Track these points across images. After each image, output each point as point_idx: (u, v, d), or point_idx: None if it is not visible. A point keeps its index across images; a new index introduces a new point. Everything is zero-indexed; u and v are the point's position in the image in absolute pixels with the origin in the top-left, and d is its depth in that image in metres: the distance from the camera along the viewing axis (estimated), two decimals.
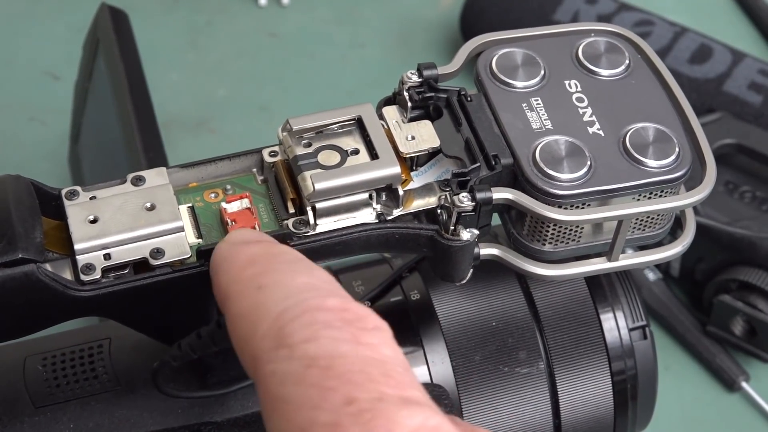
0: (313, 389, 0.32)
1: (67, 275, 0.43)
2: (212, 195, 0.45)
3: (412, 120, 0.46)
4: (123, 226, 0.43)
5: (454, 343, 0.49)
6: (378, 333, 0.35)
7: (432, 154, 0.46)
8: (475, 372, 0.49)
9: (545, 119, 0.45)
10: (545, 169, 0.43)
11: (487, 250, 0.45)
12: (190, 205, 0.45)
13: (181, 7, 0.83)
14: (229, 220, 0.44)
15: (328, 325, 0.34)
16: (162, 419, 0.47)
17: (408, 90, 0.46)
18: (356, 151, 0.45)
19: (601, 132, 0.45)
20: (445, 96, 0.46)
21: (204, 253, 0.43)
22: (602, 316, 0.51)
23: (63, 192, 0.44)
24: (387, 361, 0.34)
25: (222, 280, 0.38)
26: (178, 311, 0.43)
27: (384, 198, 0.45)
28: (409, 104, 0.46)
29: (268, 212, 0.45)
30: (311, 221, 0.44)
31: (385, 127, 0.46)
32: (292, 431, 0.32)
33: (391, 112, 0.46)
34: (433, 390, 0.48)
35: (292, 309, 0.34)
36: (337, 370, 0.33)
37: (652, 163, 0.44)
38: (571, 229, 0.44)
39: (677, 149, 0.44)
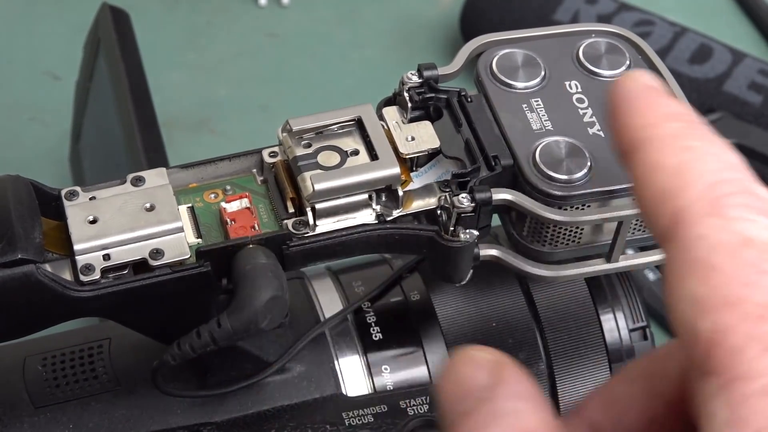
0: (750, 268, 0.32)
1: (67, 276, 0.43)
2: (212, 195, 0.45)
3: (412, 120, 0.46)
4: (122, 226, 0.43)
5: (454, 343, 0.49)
6: None
7: (432, 155, 0.46)
8: None
9: (545, 120, 0.45)
10: (545, 170, 0.43)
11: (487, 251, 0.45)
12: (189, 205, 0.45)
13: (181, 7, 0.83)
14: (228, 220, 0.44)
15: (761, 212, 0.33)
16: (162, 419, 0.47)
17: (408, 90, 0.46)
18: (356, 152, 0.45)
19: (601, 133, 0.45)
20: (445, 97, 0.46)
21: (203, 254, 0.43)
22: (602, 317, 0.50)
23: (62, 192, 0.44)
24: None
25: (635, 122, 0.36)
26: (178, 312, 0.43)
27: (384, 199, 0.45)
28: (409, 105, 0.46)
29: (268, 212, 0.45)
30: (311, 222, 0.44)
31: (385, 127, 0.46)
32: (714, 297, 0.32)
33: (391, 113, 0.46)
34: (433, 391, 0.48)
35: (731, 183, 0.34)
36: None
37: None
38: (571, 230, 0.44)
39: None
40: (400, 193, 0.44)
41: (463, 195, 0.43)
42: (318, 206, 0.44)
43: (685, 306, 0.32)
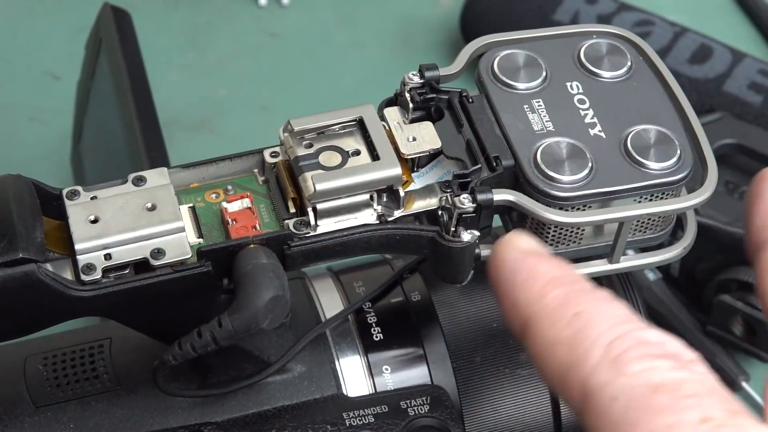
0: (667, 411, 0.34)
1: (68, 275, 0.43)
2: (213, 195, 0.45)
3: (413, 121, 0.46)
4: (124, 226, 0.43)
5: (454, 344, 0.49)
6: (700, 363, 0.36)
7: (433, 156, 0.46)
8: (476, 373, 0.49)
9: (546, 121, 0.45)
10: (546, 170, 0.43)
11: (488, 252, 0.45)
12: (191, 205, 0.45)
13: (182, 7, 0.83)
14: (229, 220, 0.44)
15: (658, 356, 0.35)
16: (162, 419, 0.47)
17: (409, 91, 0.46)
18: (357, 152, 0.45)
19: (602, 134, 0.45)
20: (446, 97, 0.46)
21: (205, 254, 0.43)
22: None
23: (64, 192, 0.44)
24: (720, 387, 0.35)
25: (521, 299, 0.38)
26: (179, 311, 0.43)
27: (385, 199, 0.45)
28: (411, 105, 0.46)
29: (269, 212, 0.45)
30: (312, 222, 0.44)
31: (387, 128, 0.46)
32: None
33: (392, 113, 0.46)
34: (434, 391, 0.48)
35: (623, 339, 0.35)
36: (687, 392, 0.34)
37: (653, 165, 0.44)
38: (572, 231, 0.44)
39: (678, 151, 0.44)
40: (402, 193, 0.44)
41: (465, 195, 0.43)
42: (319, 206, 0.44)
43: None
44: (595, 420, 0.35)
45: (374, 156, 0.45)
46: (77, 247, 0.42)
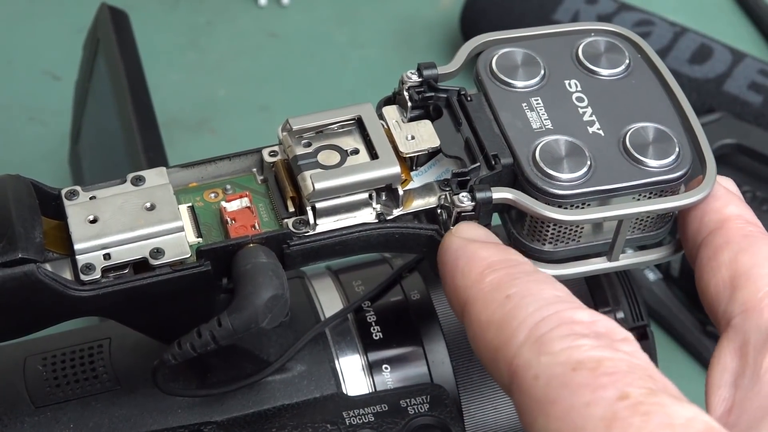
0: (585, 389, 0.34)
1: (67, 275, 0.43)
2: (212, 195, 0.45)
3: (411, 120, 0.46)
4: (123, 225, 0.43)
5: (454, 343, 0.49)
6: (630, 342, 0.37)
7: (432, 154, 0.46)
8: (476, 372, 0.49)
9: (545, 119, 0.45)
10: (545, 168, 0.43)
11: None
12: (189, 204, 0.45)
13: (181, 7, 0.83)
14: (228, 219, 0.44)
15: (584, 335, 0.36)
16: (162, 419, 0.47)
17: (408, 90, 0.46)
18: (356, 151, 0.45)
19: (601, 132, 0.45)
20: (445, 96, 0.46)
21: (204, 253, 0.43)
22: None
23: (63, 192, 0.44)
24: (646, 366, 0.36)
25: (460, 283, 0.40)
26: (178, 311, 0.43)
27: (384, 198, 0.45)
28: (409, 104, 0.46)
29: (268, 212, 0.45)
30: (311, 221, 0.44)
31: (385, 126, 0.46)
32: (566, 429, 0.34)
33: (391, 112, 0.46)
34: (433, 390, 0.48)
35: (549, 320, 0.36)
36: (606, 370, 0.35)
37: (652, 162, 0.44)
38: (571, 229, 0.44)
39: (677, 149, 0.44)
40: (400, 192, 0.44)
41: (463, 194, 0.43)
42: (318, 205, 0.44)
43: None
44: (520, 399, 0.36)
45: (373, 155, 0.45)
46: (76, 247, 0.42)
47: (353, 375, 0.48)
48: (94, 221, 0.43)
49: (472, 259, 0.40)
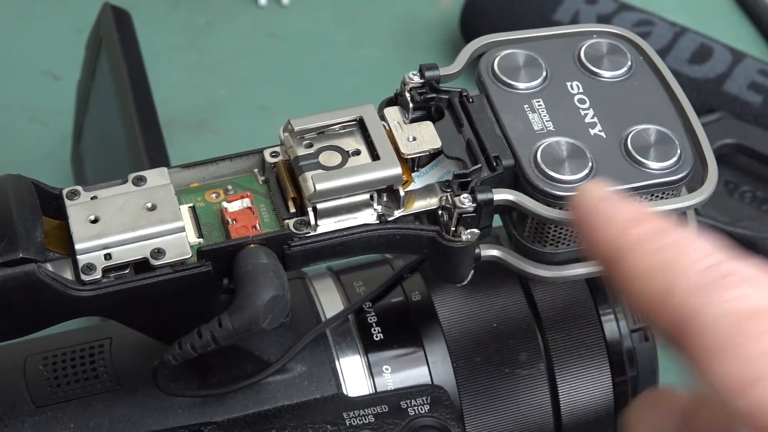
0: (764, 335, 0.34)
1: (68, 275, 0.43)
2: (213, 195, 0.45)
3: (413, 121, 0.46)
4: (124, 226, 0.43)
5: (455, 344, 0.49)
6: None
7: (433, 155, 0.46)
8: (476, 373, 0.49)
9: (547, 120, 0.45)
10: (546, 170, 0.43)
11: (488, 252, 0.45)
12: (191, 205, 0.45)
13: (182, 7, 0.83)
14: (230, 219, 0.44)
15: (753, 283, 0.36)
16: (162, 419, 0.47)
17: (410, 91, 0.46)
18: (357, 152, 0.45)
19: (602, 133, 0.45)
20: (446, 97, 0.46)
21: (205, 253, 0.43)
22: (603, 318, 0.50)
23: (64, 192, 0.44)
24: None
25: (607, 236, 0.38)
26: (179, 311, 0.43)
27: (385, 199, 0.45)
28: (411, 105, 0.46)
29: (269, 212, 0.45)
30: (312, 222, 0.44)
31: (387, 127, 0.46)
32: (746, 374, 0.34)
33: (392, 113, 0.46)
34: (434, 391, 0.48)
35: (715, 268, 0.36)
36: None
37: (653, 164, 0.44)
38: (572, 231, 0.44)
39: (679, 151, 0.44)
40: (402, 193, 0.44)
41: (465, 195, 0.43)
42: (319, 206, 0.44)
43: (723, 387, 0.34)
44: (695, 342, 0.35)
45: (374, 156, 0.45)
46: (77, 246, 0.42)
47: (354, 376, 0.48)
48: (95, 221, 0.43)
49: (613, 213, 0.39)
